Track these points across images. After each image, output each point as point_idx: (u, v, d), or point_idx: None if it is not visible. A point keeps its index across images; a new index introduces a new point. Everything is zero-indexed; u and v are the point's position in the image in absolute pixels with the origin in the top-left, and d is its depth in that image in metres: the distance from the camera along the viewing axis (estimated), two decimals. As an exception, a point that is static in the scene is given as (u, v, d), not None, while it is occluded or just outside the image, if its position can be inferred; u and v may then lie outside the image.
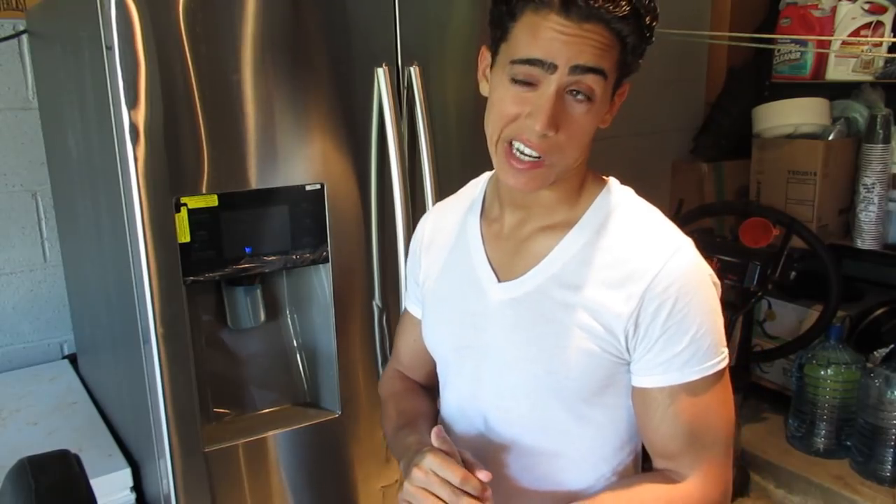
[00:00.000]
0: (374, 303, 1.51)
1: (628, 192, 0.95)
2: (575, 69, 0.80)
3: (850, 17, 2.33)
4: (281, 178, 1.35)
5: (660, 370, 0.87)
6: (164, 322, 1.27)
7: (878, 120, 2.23)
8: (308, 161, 1.37)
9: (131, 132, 1.19)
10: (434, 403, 1.14)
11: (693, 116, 2.79)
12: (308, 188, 1.38)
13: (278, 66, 1.31)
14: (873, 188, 2.27)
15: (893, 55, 2.25)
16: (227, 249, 1.32)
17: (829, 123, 2.42)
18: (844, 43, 2.35)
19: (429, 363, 1.11)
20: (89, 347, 1.89)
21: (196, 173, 1.26)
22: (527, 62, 0.81)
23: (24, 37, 1.84)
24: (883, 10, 2.29)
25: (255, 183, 1.32)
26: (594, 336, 0.88)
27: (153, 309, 1.26)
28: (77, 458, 0.96)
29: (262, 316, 1.50)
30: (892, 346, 2.16)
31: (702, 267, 0.89)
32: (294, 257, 1.39)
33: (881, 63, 2.29)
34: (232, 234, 1.32)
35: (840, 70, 2.40)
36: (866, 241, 2.33)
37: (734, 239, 2.37)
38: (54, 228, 1.94)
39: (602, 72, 0.81)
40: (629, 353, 0.89)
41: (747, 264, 2.20)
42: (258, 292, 1.48)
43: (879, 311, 2.39)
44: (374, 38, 1.41)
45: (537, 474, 0.96)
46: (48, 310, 1.99)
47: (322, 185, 1.39)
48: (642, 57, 0.86)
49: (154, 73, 1.19)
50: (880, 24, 2.28)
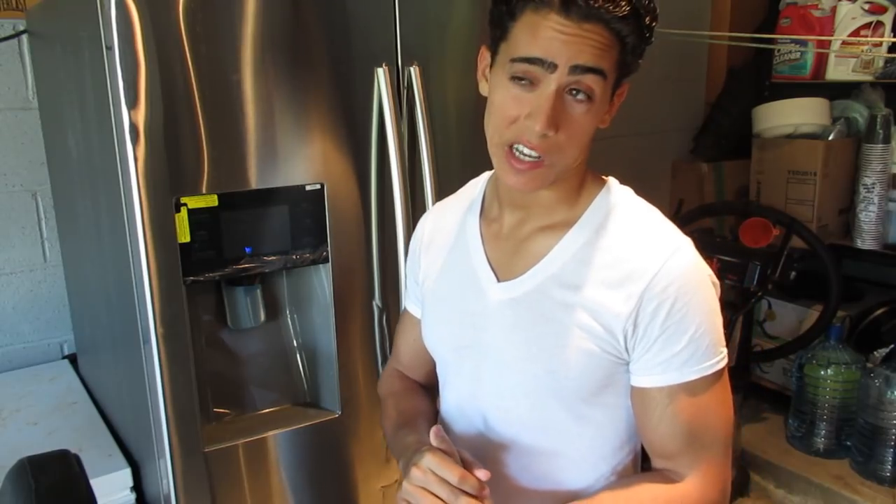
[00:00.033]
0: (374, 303, 1.51)
1: (628, 192, 0.95)
2: (574, 69, 0.80)
3: (850, 17, 2.33)
4: (281, 178, 1.35)
5: (658, 370, 0.87)
6: (164, 322, 1.27)
7: (878, 120, 2.24)
8: (308, 161, 1.37)
9: (131, 132, 1.19)
10: (434, 403, 1.14)
11: (693, 116, 2.79)
12: (308, 188, 1.38)
13: (278, 66, 1.31)
14: (873, 188, 2.27)
15: (893, 55, 2.25)
16: (227, 249, 1.32)
17: (829, 123, 2.42)
18: (844, 43, 2.35)
19: (428, 363, 1.11)
20: (89, 347, 1.89)
21: (196, 173, 1.26)
22: (526, 61, 0.81)
23: (24, 37, 1.84)
24: (883, 10, 2.29)
25: (255, 183, 1.32)
26: (593, 336, 0.88)
27: (153, 309, 1.26)
28: (77, 458, 0.96)
29: (262, 316, 1.50)
30: (892, 346, 2.16)
31: (701, 267, 0.89)
32: (294, 257, 1.39)
33: (881, 63, 2.29)
34: (232, 234, 1.32)
35: (840, 70, 2.41)
36: (866, 241, 2.33)
37: (734, 239, 2.37)
38: (54, 228, 1.94)
39: (601, 72, 0.81)
40: (628, 353, 0.89)
41: (747, 264, 2.20)
42: (258, 292, 1.48)
43: (879, 311, 2.39)
44: (374, 38, 1.41)
45: (536, 473, 0.96)
46: (48, 310, 1.99)
47: (322, 185, 1.39)
48: (642, 57, 0.86)
49: (154, 73, 1.19)
50: (880, 24, 2.28)
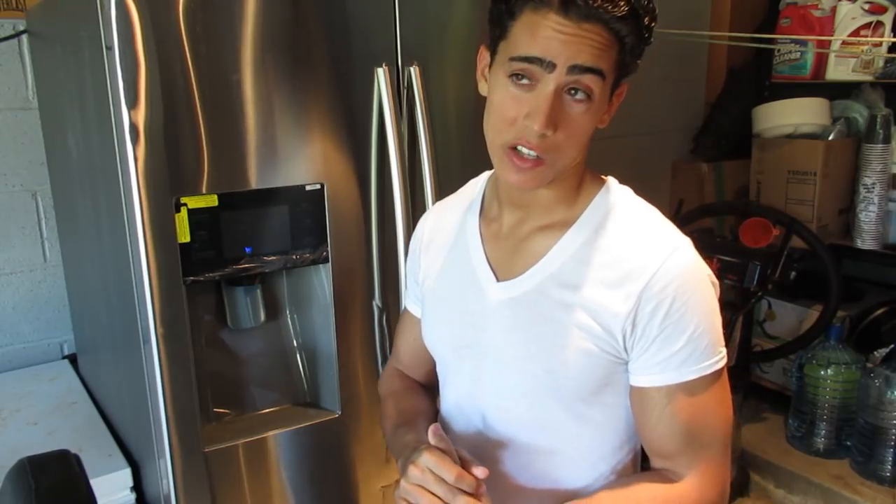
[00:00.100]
0: (374, 303, 1.51)
1: (627, 192, 0.95)
2: (573, 69, 0.80)
3: (850, 17, 2.33)
4: (281, 178, 1.35)
5: (657, 369, 0.87)
6: (164, 322, 1.27)
7: (878, 120, 2.24)
8: (308, 161, 1.37)
9: (131, 132, 1.19)
10: (434, 402, 1.14)
11: (693, 116, 2.79)
12: (308, 188, 1.38)
13: (278, 66, 1.31)
14: (873, 188, 2.27)
15: (893, 55, 2.25)
16: (227, 249, 1.32)
17: (829, 123, 2.42)
18: (844, 43, 2.35)
19: (428, 362, 1.11)
20: (89, 347, 1.89)
21: (196, 173, 1.27)
22: (525, 60, 0.81)
23: (24, 37, 1.84)
24: (883, 10, 2.29)
25: (255, 183, 1.32)
26: (592, 335, 0.88)
27: (153, 309, 1.26)
28: (77, 458, 0.96)
29: (262, 316, 1.50)
30: (892, 346, 2.16)
31: (700, 266, 0.89)
32: (294, 257, 1.39)
33: (881, 63, 2.29)
34: (232, 234, 1.32)
35: (840, 70, 2.41)
36: (866, 241, 2.33)
37: (734, 239, 2.37)
38: (54, 228, 1.95)
39: (600, 72, 0.81)
40: (627, 353, 0.89)
41: (747, 264, 2.20)
42: (258, 292, 1.48)
43: (879, 311, 2.39)
44: (374, 38, 1.41)
45: (535, 472, 0.96)
46: (48, 310, 1.99)
47: (322, 185, 1.39)
48: (641, 57, 0.86)
49: (154, 73, 1.19)
50: (880, 24, 2.28)
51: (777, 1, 2.57)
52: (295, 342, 1.57)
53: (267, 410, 1.52)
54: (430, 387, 1.16)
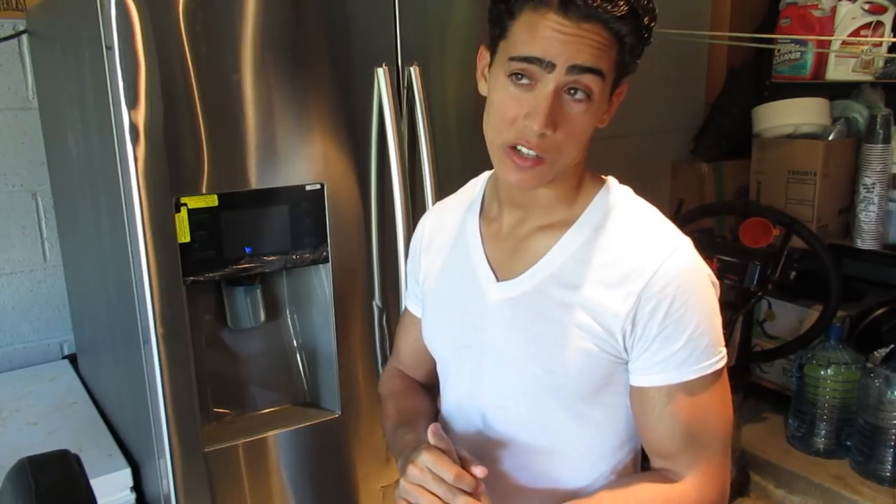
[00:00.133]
0: (374, 303, 1.51)
1: (627, 192, 0.95)
2: (573, 69, 0.80)
3: (850, 17, 2.33)
4: (281, 178, 1.35)
5: (657, 369, 0.87)
6: (164, 322, 1.27)
7: (878, 120, 2.24)
8: (308, 161, 1.37)
9: (131, 132, 1.19)
10: (434, 402, 1.14)
11: (693, 116, 2.79)
12: (308, 188, 1.38)
13: (278, 66, 1.31)
14: (873, 188, 2.27)
15: (893, 55, 2.25)
16: (227, 249, 1.32)
17: (829, 123, 2.42)
18: (844, 43, 2.35)
19: (429, 362, 1.11)
20: (89, 347, 1.89)
21: (196, 173, 1.27)
22: (524, 60, 0.81)
23: (24, 37, 1.84)
24: (883, 10, 2.29)
25: (255, 183, 1.32)
26: (592, 335, 0.88)
27: (153, 309, 1.26)
28: (77, 458, 0.96)
29: (262, 316, 1.50)
30: (892, 346, 2.16)
31: (700, 266, 0.89)
32: (294, 257, 1.40)
33: (881, 63, 2.30)
34: (232, 234, 1.32)
35: (840, 70, 2.41)
36: (866, 241, 2.33)
37: (734, 239, 2.37)
38: (54, 228, 1.95)
39: (600, 72, 0.81)
40: (627, 353, 0.89)
41: (747, 264, 2.20)
42: (258, 292, 1.48)
43: (879, 311, 2.39)
44: (374, 38, 1.41)
45: (535, 472, 0.96)
46: (48, 310, 1.99)
47: (322, 185, 1.39)
48: (640, 57, 0.86)
49: (154, 73, 1.19)
50: (880, 24, 2.29)
51: (777, 1, 2.57)
52: (295, 342, 1.57)
53: (267, 410, 1.52)
54: (431, 387, 1.16)
